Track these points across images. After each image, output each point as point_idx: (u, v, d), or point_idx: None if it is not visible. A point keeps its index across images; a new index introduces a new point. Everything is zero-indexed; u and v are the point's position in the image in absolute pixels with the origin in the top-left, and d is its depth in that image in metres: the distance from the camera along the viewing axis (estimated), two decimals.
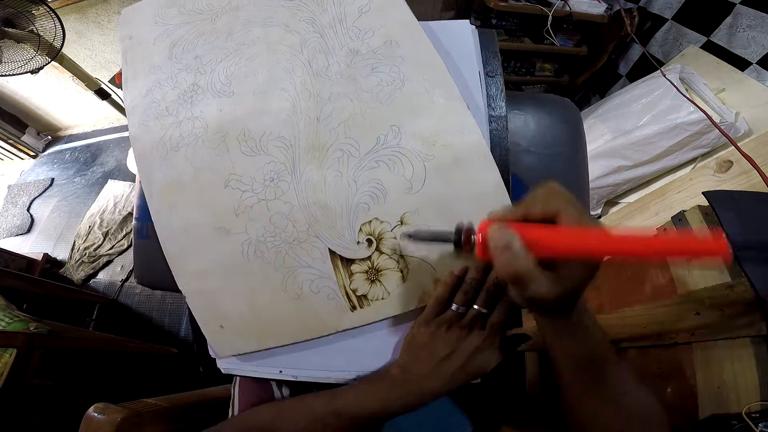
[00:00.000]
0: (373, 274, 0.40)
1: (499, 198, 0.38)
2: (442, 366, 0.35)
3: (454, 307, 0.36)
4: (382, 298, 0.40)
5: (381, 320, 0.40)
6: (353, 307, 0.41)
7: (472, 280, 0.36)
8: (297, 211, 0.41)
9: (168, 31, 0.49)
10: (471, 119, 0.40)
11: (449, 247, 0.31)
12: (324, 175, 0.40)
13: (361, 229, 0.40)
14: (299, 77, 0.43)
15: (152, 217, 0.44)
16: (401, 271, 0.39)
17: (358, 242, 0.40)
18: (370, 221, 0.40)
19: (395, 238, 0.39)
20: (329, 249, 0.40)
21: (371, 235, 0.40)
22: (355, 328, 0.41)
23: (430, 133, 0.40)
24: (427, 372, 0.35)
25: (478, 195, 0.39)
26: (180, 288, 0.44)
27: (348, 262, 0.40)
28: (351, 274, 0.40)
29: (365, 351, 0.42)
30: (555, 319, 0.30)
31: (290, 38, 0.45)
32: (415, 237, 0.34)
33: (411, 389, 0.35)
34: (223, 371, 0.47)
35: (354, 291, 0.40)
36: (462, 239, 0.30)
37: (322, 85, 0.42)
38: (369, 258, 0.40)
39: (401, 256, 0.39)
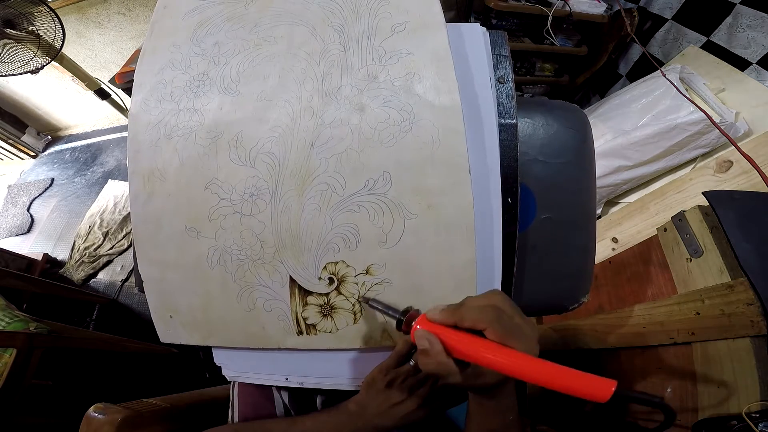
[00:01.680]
0: (327, 310, 0.41)
1: (466, 276, 0.38)
2: (394, 409, 0.40)
3: (411, 362, 0.39)
4: (330, 332, 0.41)
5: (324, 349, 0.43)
6: (300, 332, 0.42)
7: None
8: (268, 232, 0.40)
9: (201, 7, 0.47)
10: (468, 186, 0.37)
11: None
12: (303, 204, 0.39)
13: (326, 267, 0.40)
14: (307, 92, 0.41)
15: (129, 198, 0.45)
16: (354, 314, 0.40)
17: (320, 278, 0.40)
18: (337, 262, 0.40)
19: (357, 283, 0.40)
20: (290, 276, 0.41)
21: (334, 275, 0.40)
22: (297, 349, 0.43)
23: (421, 190, 0.38)
24: (381, 412, 0.40)
25: (447, 267, 0.38)
26: (140, 272, 0.45)
27: (305, 292, 0.41)
28: (305, 304, 0.41)
29: (372, 359, 0.42)
30: (478, 397, 0.35)
31: (312, 44, 0.42)
32: (370, 304, 0.38)
33: (365, 424, 0.41)
34: (228, 378, 0.47)
35: (305, 319, 0.41)
36: (403, 322, 0.34)
37: (327, 107, 0.40)
38: (327, 294, 0.40)
39: (358, 300, 0.40)
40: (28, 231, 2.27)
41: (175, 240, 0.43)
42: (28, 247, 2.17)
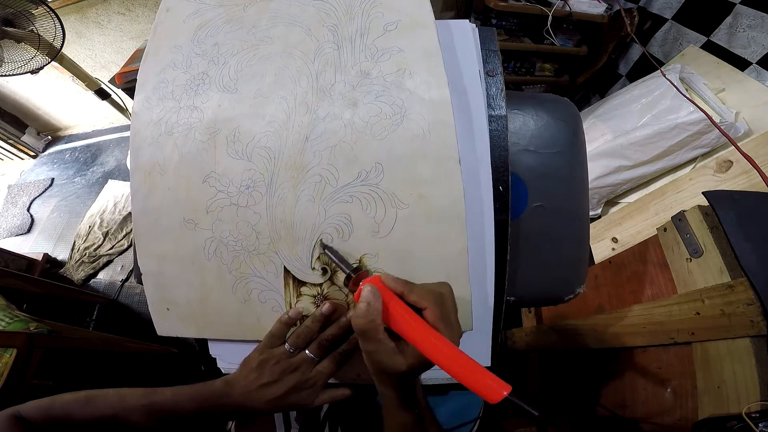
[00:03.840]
0: (320, 300, 0.41)
1: (459, 265, 0.39)
2: (262, 390, 0.39)
3: (286, 345, 0.40)
4: None
5: None
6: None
7: (306, 327, 0.40)
8: (263, 223, 0.41)
9: (202, 10, 0.48)
10: (458, 176, 0.38)
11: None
12: (297, 196, 0.40)
13: (319, 257, 0.40)
14: (302, 89, 0.42)
15: (131, 193, 0.46)
16: (348, 304, 0.41)
17: (314, 268, 0.41)
18: None
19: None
20: (284, 266, 0.41)
21: (327, 265, 0.40)
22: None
23: (413, 181, 0.39)
24: (248, 392, 0.39)
25: (439, 258, 0.39)
26: (139, 266, 0.46)
27: (299, 283, 0.41)
28: (299, 295, 0.41)
29: None
30: (393, 393, 0.36)
31: (307, 44, 0.43)
32: (326, 251, 0.39)
33: (228, 402, 0.39)
34: (223, 371, 0.48)
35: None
36: (353, 279, 0.36)
37: (321, 102, 0.41)
38: (320, 285, 0.41)
39: (347, 287, 0.40)
40: (28, 231, 2.27)
41: (173, 232, 0.44)
42: (28, 247, 2.17)
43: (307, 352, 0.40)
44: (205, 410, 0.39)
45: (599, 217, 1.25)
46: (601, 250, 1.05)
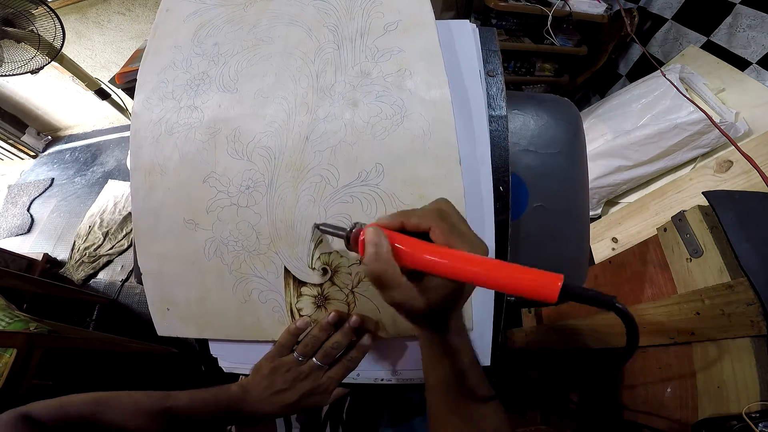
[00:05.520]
0: (321, 300, 0.41)
1: None
2: (276, 397, 0.40)
3: (295, 354, 0.40)
4: None
5: None
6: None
7: (312, 337, 0.40)
8: (264, 224, 0.41)
9: (202, 10, 0.49)
10: (458, 176, 0.38)
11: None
12: (298, 196, 0.40)
13: (319, 257, 0.40)
14: (302, 89, 0.42)
15: (131, 193, 0.46)
16: (348, 305, 0.41)
17: (314, 269, 0.41)
18: (330, 253, 0.40)
19: (350, 274, 0.40)
20: (285, 267, 0.41)
21: (328, 265, 0.40)
22: None
23: (413, 181, 0.39)
24: (263, 398, 0.40)
25: None
26: (139, 266, 0.46)
27: (300, 283, 0.41)
28: (299, 295, 0.41)
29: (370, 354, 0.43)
30: (429, 334, 0.33)
31: (308, 44, 0.44)
32: (321, 228, 0.38)
33: (245, 408, 0.41)
34: (225, 370, 0.48)
35: (299, 310, 0.42)
36: (351, 237, 0.33)
37: (322, 102, 0.41)
38: (320, 285, 0.41)
39: (351, 291, 0.40)
40: (28, 231, 2.27)
41: (173, 232, 0.44)
42: (28, 247, 2.17)
43: (314, 360, 0.40)
44: (222, 415, 0.40)
45: (599, 217, 1.25)
46: (601, 250, 1.05)
